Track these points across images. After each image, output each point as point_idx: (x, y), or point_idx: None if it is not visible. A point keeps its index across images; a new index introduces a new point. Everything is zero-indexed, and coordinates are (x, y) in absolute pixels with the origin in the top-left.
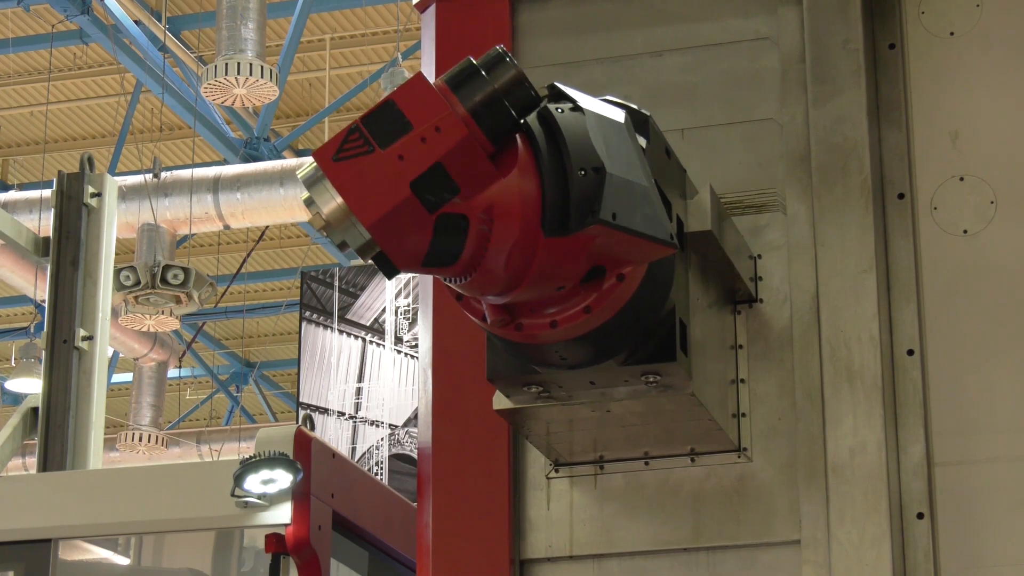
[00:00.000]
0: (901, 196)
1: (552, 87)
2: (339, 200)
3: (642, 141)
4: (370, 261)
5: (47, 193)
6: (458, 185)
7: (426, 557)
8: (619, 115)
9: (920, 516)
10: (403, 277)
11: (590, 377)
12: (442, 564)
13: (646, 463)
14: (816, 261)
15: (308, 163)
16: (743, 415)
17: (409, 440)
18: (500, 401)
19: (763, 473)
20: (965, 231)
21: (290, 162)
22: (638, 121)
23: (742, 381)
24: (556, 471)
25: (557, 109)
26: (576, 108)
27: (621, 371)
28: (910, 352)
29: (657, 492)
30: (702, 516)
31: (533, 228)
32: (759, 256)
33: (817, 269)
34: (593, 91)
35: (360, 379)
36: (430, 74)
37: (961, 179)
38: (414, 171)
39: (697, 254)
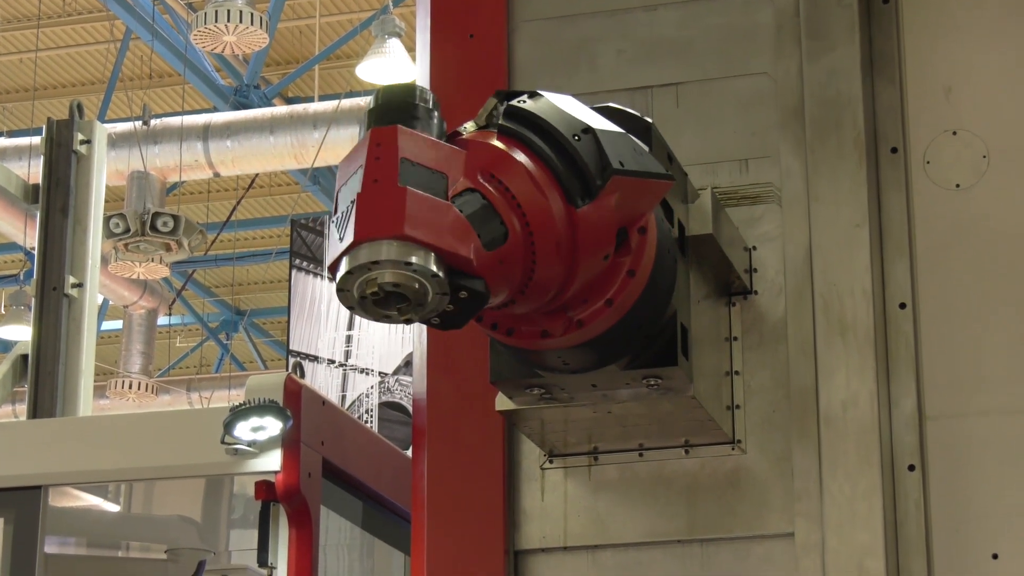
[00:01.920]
0: (894, 150)
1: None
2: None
3: (644, 148)
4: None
5: (36, 140)
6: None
7: (421, 510)
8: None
9: (911, 468)
10: None
11: (592, 380)
12: (438, 519)
13: (640, 455)
14: (809, 215)
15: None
16: (737, 407)
17: (399, 388)
18: (502, 402)
19: (757, 465)
20: (958, 185)
21: (280, 110)
22: (639, 128)
23: (736, 373)
24: (550, 462)
25: (520, 102)
26: (533, 95)
27: (623, 374)
28: (902, 306)
29: (651, 484)
30: (696, 508)
31: (564, 208)
32: (754, 248)
33: (810, 223)
34: (587, 45)
35: (350, 327)
36: (424, 21)
37: (954, 133)
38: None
39: (693, 248)
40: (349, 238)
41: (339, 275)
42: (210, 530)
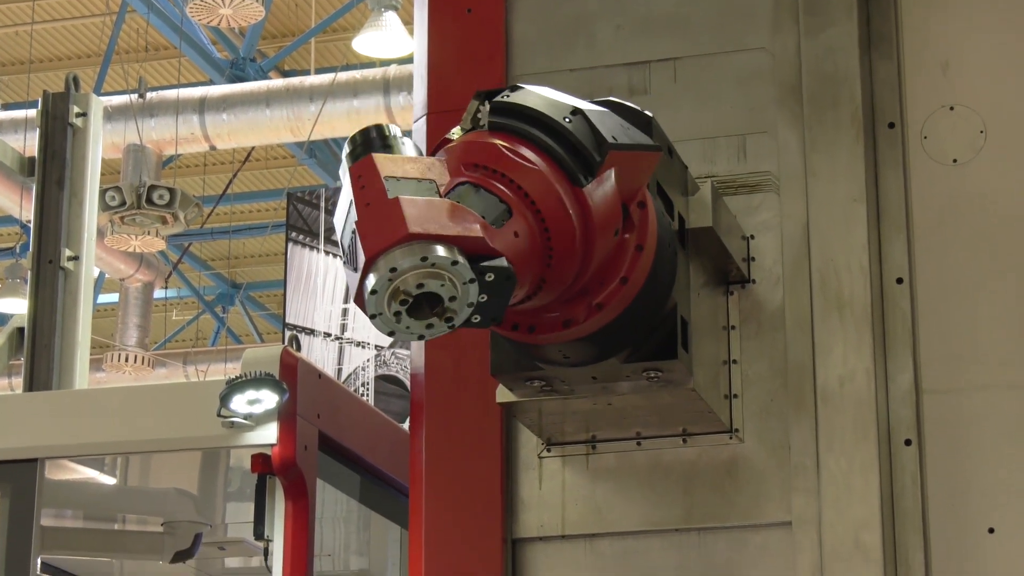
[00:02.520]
0: (891, 126)
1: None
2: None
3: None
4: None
5: (32, 113)
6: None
7: (420, 485)
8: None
9: (908, 443)
10: None
11: (592, 373)
12: (436, 495)
13: (638, 443)
14: (807, 191)
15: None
16: (735, 396)
17: (395, 361)
18: (503, 395)
19: (755, 455)
20: (955, 160)
21: (276, 83)
22: (641, 122)
23: (734, 362)
24: (548, 450)
25: (503, 97)
26: (514, 89)
27: (623, 367)
28: (899, 281)
29: (649, 472)
30: (694, 497)
31: (570, 189)
32: (752, 236)
33: (808, 199)
34: (585, 20)
35: (346, 300)
36: None
37: (951, 109)
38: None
39: (692, 239)
40: (362, 262)
41: (367, 301)
42: (206, 503)
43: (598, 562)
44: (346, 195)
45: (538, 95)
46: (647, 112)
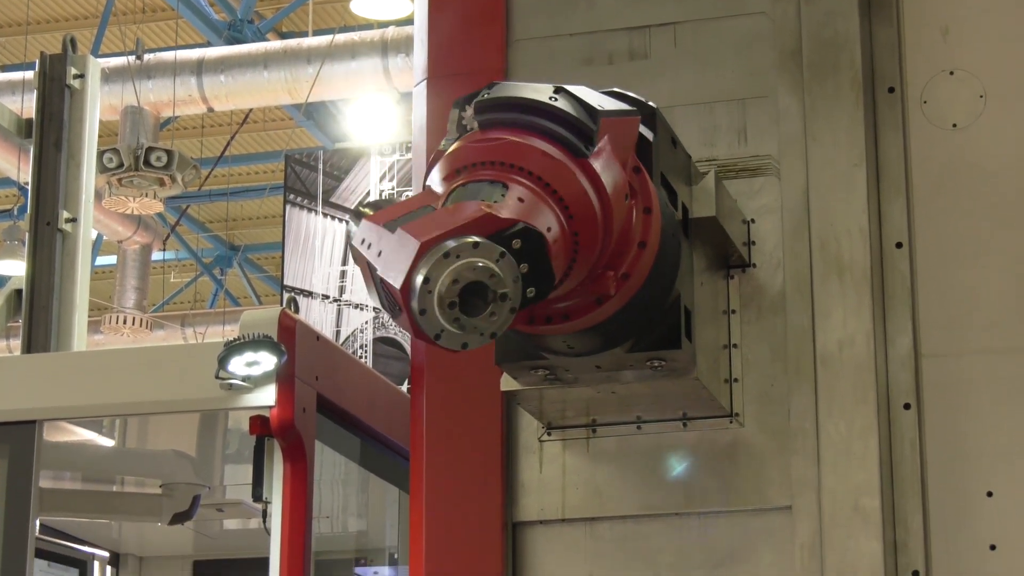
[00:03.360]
0: (891, 90)
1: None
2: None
3: (649, 134)
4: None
5: (29, 75)
6: None
7: (421, 448)
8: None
9: (907, 407)
10: (387, 159)
11: (596, 362)
12: (437, 458)
13: (638, 427)
14: (807, 155)
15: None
16: (735, 380)
17: (393, 324)
18: (507, 383)
19: (755, 439)
20: (955, 125)
21: (274, 45)
22: (645, 114)
23: (734, 346)
24: (548, 434)
25: (483, 96)
26: (490, 86)
27: (627, 357)
28: (899, 245)
29: (649, 456)
30: (694, 481)
31: (576, 162)
32: (752, 220)
33: (808, 163)
34: None
35: (344, 262)
36: None
37: (951, 73)
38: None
39: (693, 225)
40: (397, 290)
41: (423, 324)
42: (205, 465)
43: (598, 546)
44: (362, 266)
45: (516, 85)
46: (651, 103)
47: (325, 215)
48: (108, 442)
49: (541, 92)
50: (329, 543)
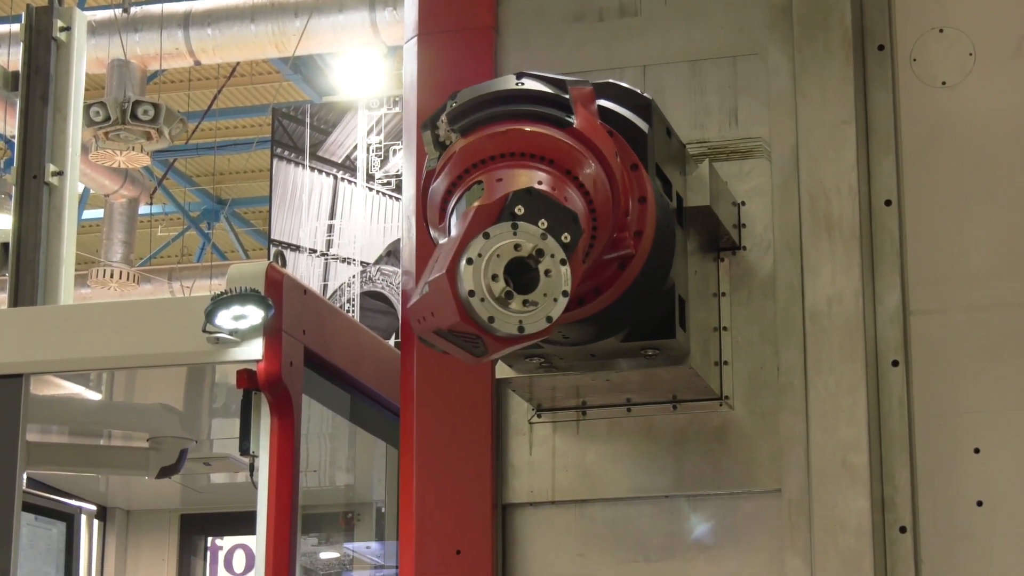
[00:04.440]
0: (881, 48)
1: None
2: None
3: (644, 125)
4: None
5: (16, 27)
6: None
7: (411, 405)
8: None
9: (895, 364)
10: (374, 113)
11: (591, 350)
12: (426, 414)
13: (628, 410)
14: (796, 113)
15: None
16: (725, 363)
17: (381, 278)
18: (503, 371)
19: (745, 421)
20: (944, 83)
21: None
22: (640, 105)
23: (725, 329)
24: (539, 416)
25: (450, 106)
26: (453, 96)
27: (622, 346)
28: (887, 202)
29: (639, 439)
30: (684, 463)
31: (564, 132)
32: (743, 203)
33: (797, 121)
34: None
35: (332, 216)
36: None
37: (941, 31)
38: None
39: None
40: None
41: (480, 316)
42: (192, 419)
43: (588, 528)
44: (441, 340)
45: (478, 86)
46: (646, 95)
47: (312, 169)
48: (95, 396)
49: (506, 81)
50: (316, 497)
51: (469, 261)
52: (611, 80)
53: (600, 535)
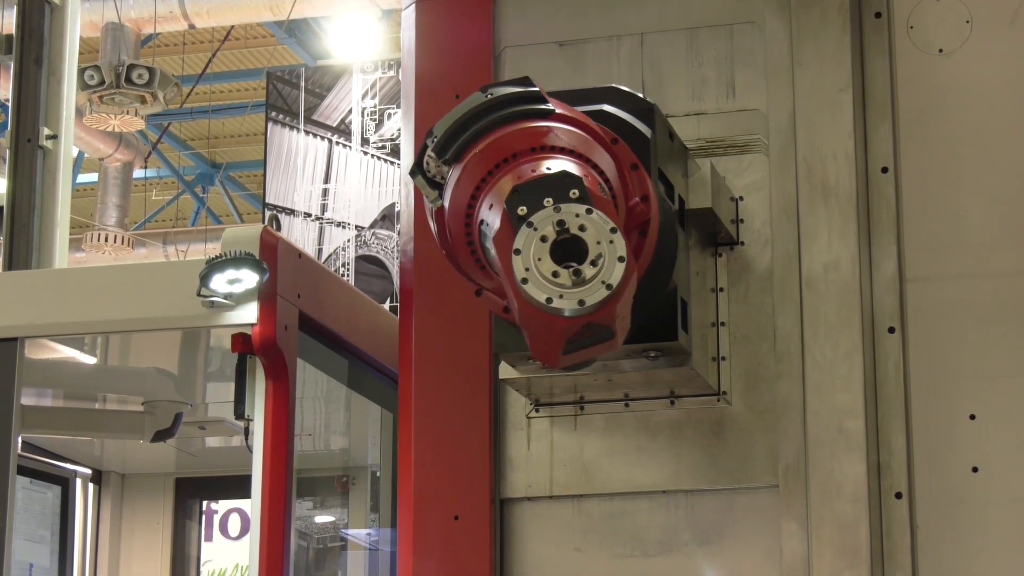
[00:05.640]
0: (878, 15)
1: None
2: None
3: (647, 130)
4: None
5: None
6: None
7: (409, 370)
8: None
9: (891, 330)
10: (369, 77)
11: None
12: (425, 381)
13: (626, 405)
14: (793, 80)
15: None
16: (723, 359)
17: (376, 241)
18: (506, 371)
19: (742, 417)
20: (941, 50)
21: None
22: (643, 110)
23: (722, 324)
24: (537, 411)
25: (433, 135)
26: (428, 134)
27: (624, 347)
28: (884, 170)
29: (637, 434)
30: (681, 459)
31: (550, 122)
32: (741, 198)
33: (794, 88)
34: None
35: (326, 180)
36: None
37: None
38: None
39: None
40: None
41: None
42: (187, 382)
43: (586, 523)
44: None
45: (450, 113)
46: (649, 100)
47: (307, 133)
48: (90, 359)
49: (475, 98)
50: (311, 460)
51: (523, 280)
52: (614, 85)
53: (598, 530)
